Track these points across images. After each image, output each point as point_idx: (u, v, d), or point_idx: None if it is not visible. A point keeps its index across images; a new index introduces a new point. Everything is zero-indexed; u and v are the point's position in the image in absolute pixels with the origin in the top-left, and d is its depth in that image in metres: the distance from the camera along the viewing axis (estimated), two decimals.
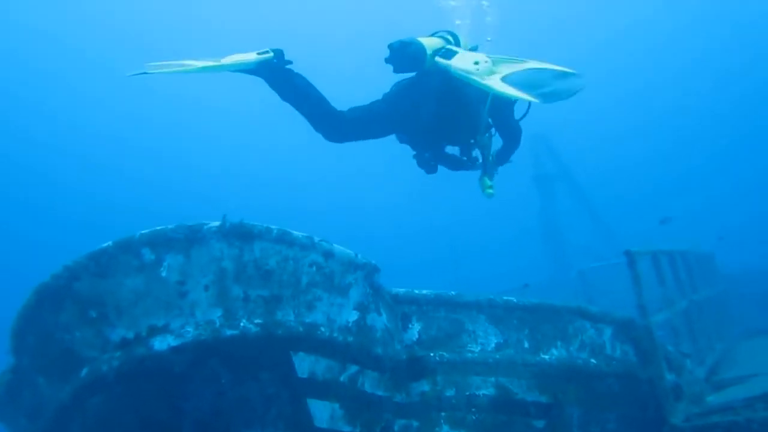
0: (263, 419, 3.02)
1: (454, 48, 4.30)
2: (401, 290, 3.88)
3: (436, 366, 3.71)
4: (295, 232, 3.21)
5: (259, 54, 4.10)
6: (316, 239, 3.27)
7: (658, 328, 4.35)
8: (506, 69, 3.93)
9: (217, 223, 2.97)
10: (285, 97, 4.31)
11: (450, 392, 3.68)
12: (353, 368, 3.36)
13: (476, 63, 3.95)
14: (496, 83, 3.83)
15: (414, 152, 5.00)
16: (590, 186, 24.18)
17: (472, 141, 4.82)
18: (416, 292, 3.91)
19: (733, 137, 42.37)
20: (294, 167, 46.62)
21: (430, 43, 4.40)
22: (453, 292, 3.97)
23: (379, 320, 3.59)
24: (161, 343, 2.81)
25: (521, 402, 3.76)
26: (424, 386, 3.66)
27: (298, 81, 4.31)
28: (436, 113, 4.50)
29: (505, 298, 4.02)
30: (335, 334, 3.24)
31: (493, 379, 3.78)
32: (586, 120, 41.88)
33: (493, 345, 3.92)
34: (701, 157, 42.76)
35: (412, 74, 4.59)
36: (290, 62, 4.30)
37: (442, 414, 3.62)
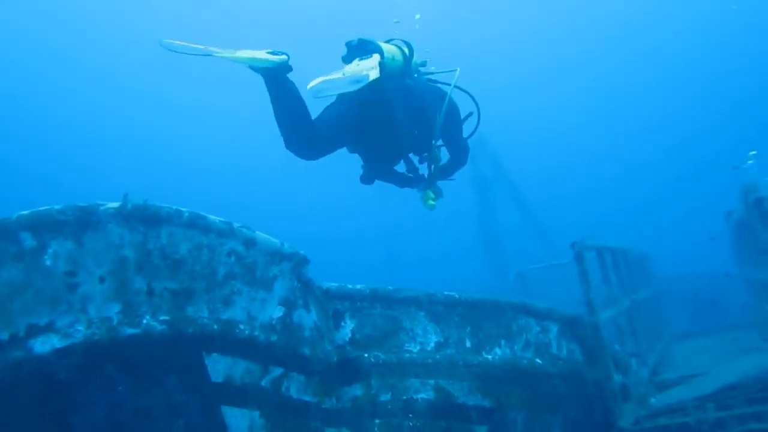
0: None
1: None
2: (333, 285, 3.53)
3: (370, 368, 3.37)
4: (211, 217, 2.82)
5: (270, 53, 3.80)
6: (236, 225, 2.89)
7: (604, 327, 4.15)
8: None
9: (116, 204, 2.54)
10: (278, 102, 3.97)
11: (385, 397, 3.35)
12: (277, 371, 2.99)
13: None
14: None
15: (362, 165, 4.79)
16: (528, 188, 24.36)
17: (426, 154, 4.64)
18: (350, 287, 3.57)
19: (670, 139, 43.86)
20: (230, 163, 45.60)
21: (387, 47, 4.23)
22: (390, 287, 3.65)
23: (308, 317, 3.23)
24: (43, 345, 2.35)
25: (462, 406, 3.47)
26: (357, 390, 3.32)
27: (295, 90, 4.00)
28: (392, 120, 4.25)
29: (446, 293, 3.73)
30: (256, 333, 2.86)
31: (432, 381, 3.47)
32: (524, 121, 42.51)
33: (432, 344, 3.62)
34: (639, 158, 44.10)
35: None
36: (291, 69, 3.97)
37: (376, 421, 3.29)
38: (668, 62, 43.77)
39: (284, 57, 3.81)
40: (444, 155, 4.81)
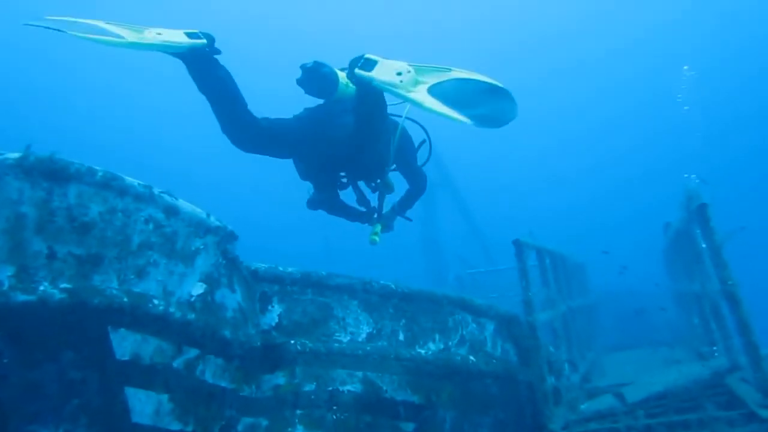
0: (59, 412, 2.33)
1: (374, 56, 3.71)
2: (262, 265, 3.31)
3: (295, 356, 3.16)
4: (129, 179, 2.56)
5: (189, 36, 3.43)
6: (157, 190, 2.63)
7: (540, 329, 4.05)
8: (431, 79, 3.31)
9: (16, 155, 2.26)
10: (204, 88, 3.66)
11: (309, 387, 3.15)
12: (192, 352, 2.74)
13: (399, 74, 3.29)
14: (423, 97, 3.18)
15: (311, 193, 4.55)
16: (470, 196, 24.42)
17: (378, 181, 4.39)
18: (280, 269, 3.35)
19: (613, 147, 45.02)
20: (171, 135, 44.24)
21: (341, 75, 3.97)
22: (324, 272, 3.45)
23: (231, 297, 3.00)
24: None
25: (390, 401, 3.29)
26: (280, 379, 3.11)
27: (222, 74, 3.68)
28: (344, 143, 4.02)
29: (382, 282, 3.55)
30: (172, 310, 2.61)
31: (360, 373, 3.29)
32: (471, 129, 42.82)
33: (364, 335, 3.44)
34: (583, 163, 45.16)
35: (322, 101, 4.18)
36: (219, 52, 3.64)
37: (298, 412, 3.08)
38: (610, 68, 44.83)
39: (201, 41, 3.47)
40: (394, 181, 4.55)
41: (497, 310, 3.91)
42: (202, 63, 3.58)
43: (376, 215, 4.62)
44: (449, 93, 3.25)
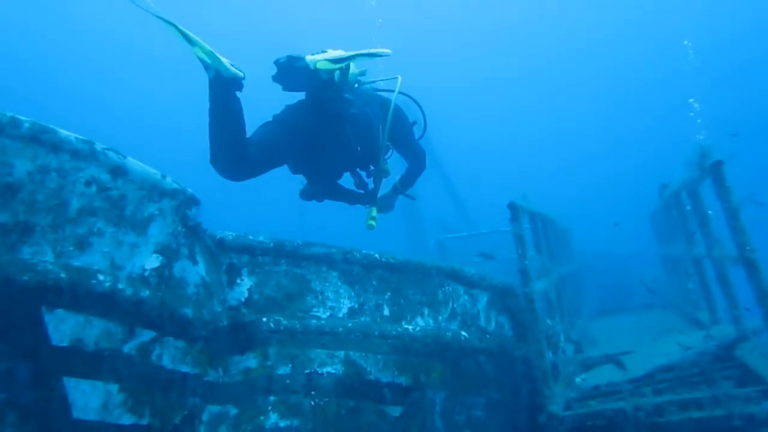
0: None
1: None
2: (229, 234, 2.93)
3: (268, 335, 2.82)
4: (64, 132, 2.16)
5: (233, 66, 3.43)
6: (99, 146, 2.23)
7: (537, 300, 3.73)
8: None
9: None
10: (216, 113, 3.50)
11: (284, 370, 2.81)
12: (147, 335, 2.38)
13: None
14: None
15: (304, 185, 4.47)
16: (449, 159, 24.03)
17: (372, 167, 4.31)
18: (250, 237, 2.98)
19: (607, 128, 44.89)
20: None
21: (322, 56, 3.85)
22: (299, 241, 3.08)
23: (193, 270, 2.63)
24: None
25: (374, 384, 2.97)
26: (250, 361, 2.77)
27: (238, 110, 3.56)
28: (335, 135, 4.01)
29: (364, 252, 3.20)
30: (121, 286, 2.24)
31: (341, 353, 2.95)
32: (455, 96, 42.34)
33: (345, 310, 3.10)
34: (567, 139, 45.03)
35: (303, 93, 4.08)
36: (242, 88, 3.55)
37: (271, 398, 2.74)
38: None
39: (240, 73, 3.44)
40: (391, 167, 4.45)
41: (491, 280, 3.59)
42: (230, 91, 3.50)
43: (374, 198, 4.44)
44: None
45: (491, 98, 45.75)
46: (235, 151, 3.56)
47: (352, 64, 4.26)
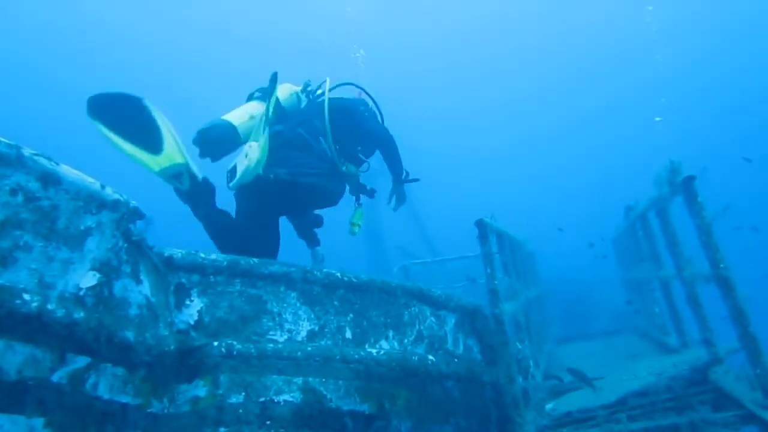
0: None
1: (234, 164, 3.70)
2: (178, 251, 2.71)
3: (219, 360, 2.59)
4: None
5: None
6: (28, 151, 2.01)
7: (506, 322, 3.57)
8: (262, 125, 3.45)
9: None
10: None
11: (236, 398, 2.57)
12: (80, 361, 2.14)
13: (246, 155, 3.45)
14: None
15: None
16: (413, 188, 24.00)
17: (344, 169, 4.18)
18: (201, 255, 2.76)
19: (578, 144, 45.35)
20: None
21: (240, 114, 3.91)
22: (255, 260, 2.88)
23: (136, 290, 2.40)
24: None
25: (335, 412, 2.75)
26: (199, 390, 2.53)
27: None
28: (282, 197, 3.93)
29: (326, 270, 3.00)
30: (51, 307, 2.00)
31: (300, 380, 2.74)
32: (416, 114, 42.51)
33: (304, 333, 2.89)
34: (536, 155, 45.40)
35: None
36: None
37: (222, 430, 2.50)
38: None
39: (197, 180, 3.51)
40: (356, 167, 4.37)
41: (458, 301, 3.42)
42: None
43: (356, 200, 4.44)
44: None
45: (455, 122, 46.09)
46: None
47: (285, 88, 4.32)
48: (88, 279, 2.19)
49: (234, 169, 3.57)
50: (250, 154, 3.37)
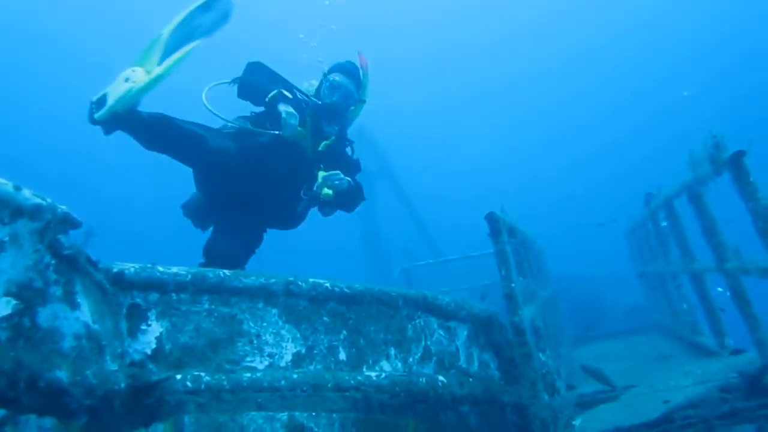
0: None
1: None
2: (131, 266, 2.24)
3: (184, 397, 2.11)
4: None
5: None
6: None
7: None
8: (155, 54, 3.45)
9: None
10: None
11: None
12: None
13: (127, 79, 3.33)
14: (158, 69, 3.38)
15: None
16: (411, 185, 23.44)
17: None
18: (160, 269, 2.28)
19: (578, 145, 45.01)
20: None
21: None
22: (226, 272, 2.40)
23: (71, 317, 1.92)
24: None
25: None
26: None
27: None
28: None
29: (312, 280, 2.53)
30: None
31: (284, 415, 2.25)
32: (409, 114, 42.06)
33: (289, 357, 2.41)
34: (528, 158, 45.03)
35: None
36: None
37: None
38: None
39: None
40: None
41: (470, 309, 2.93)
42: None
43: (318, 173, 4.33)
44: (178, 44, 3.52)
45: (451, 118, 45.74)
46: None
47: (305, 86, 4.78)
48: (1, 308, 1.71)
49: (104, 98, 3.35)
50: (134, 77, 3.30)
